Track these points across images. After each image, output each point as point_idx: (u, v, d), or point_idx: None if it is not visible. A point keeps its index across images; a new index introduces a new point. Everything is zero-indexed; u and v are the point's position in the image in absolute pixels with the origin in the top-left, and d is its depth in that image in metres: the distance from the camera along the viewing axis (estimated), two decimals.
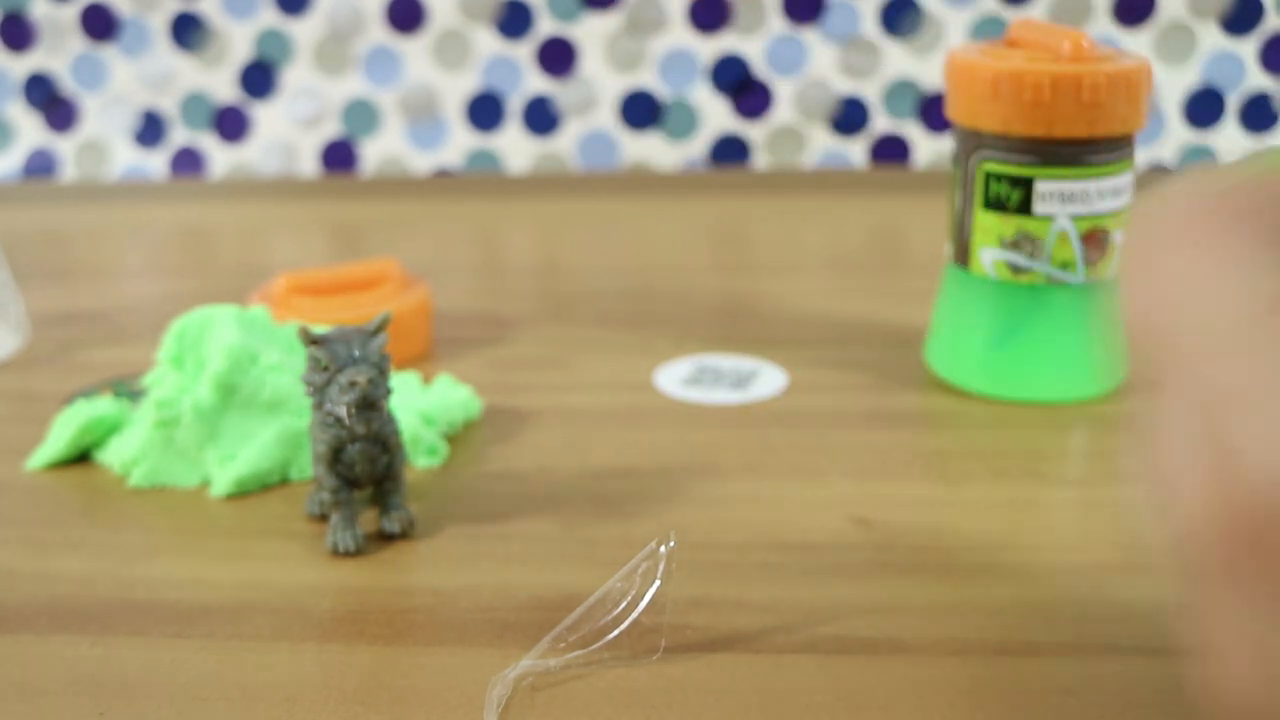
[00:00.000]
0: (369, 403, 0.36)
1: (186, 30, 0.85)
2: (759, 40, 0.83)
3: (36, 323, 0.58)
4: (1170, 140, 0.85)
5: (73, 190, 0.86)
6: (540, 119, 0.85)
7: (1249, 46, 0.83)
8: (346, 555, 0.37)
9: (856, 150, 0.85)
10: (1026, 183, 0.45)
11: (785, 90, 0.84)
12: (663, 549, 0.33)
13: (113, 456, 0.43)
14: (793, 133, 0.85)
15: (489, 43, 0.84)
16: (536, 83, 0.85)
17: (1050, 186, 0.44)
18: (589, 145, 0.86)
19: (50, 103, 0.87)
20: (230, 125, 0.87)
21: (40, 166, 0.88)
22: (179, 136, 0.87)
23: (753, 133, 0.85)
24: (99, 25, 0.85)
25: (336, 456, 0.37)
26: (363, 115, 0.86)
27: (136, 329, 0.57)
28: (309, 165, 0.87)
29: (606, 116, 0.85)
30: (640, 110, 0.85)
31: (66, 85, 0.87)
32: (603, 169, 0.86)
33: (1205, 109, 0.84)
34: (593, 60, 0.84)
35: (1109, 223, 0.45)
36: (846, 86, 0.84)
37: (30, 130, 0.88)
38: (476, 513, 0.40)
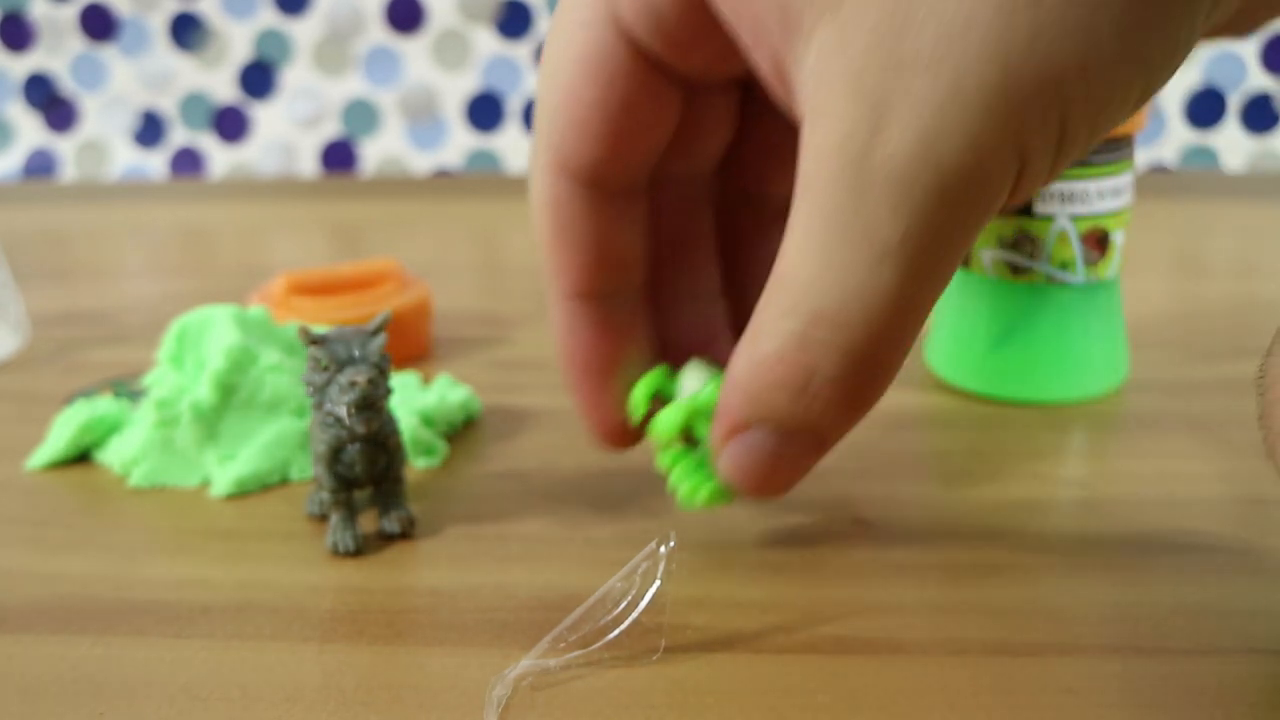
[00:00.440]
0: (369, 403, 0.36)
1: (186, 30, 0.85)
2: None
3: (36, 323, 0.58)
4: (1170, 140, 0.85)
5: (73, 190, 0.86)
6: None
7: (1249, 46, 0.83)
8: (346, 555, 0.37)
9: None
10: None
11: None
12: (663, 549, 0.33)
13: (113, 456, 0.43)
14: None
15: (489, 43, 0.84)
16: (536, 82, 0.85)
17: (1050, 186, 0.44)
18: None
19: (50, 103, 0.87)
20: (230, 125, 0.87)
21: (40, 166, 0.88)
22: (179, 136, 0.87)
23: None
24: (99, 25, 0.85)
25: (336, 456, 0.37)
26: (362, 115, 0.86)
27: (136, 329, 0.57)
28: (309, 165, 0.87)
29: None
30: None
31: (66, 85, 0.87)
32: None
33: (1205, 109, 0.84)
34: None
35: (1109, 223, 0.45)
36: None
37: (30, 130, 0.88)
38: (476, 513, 0.40)
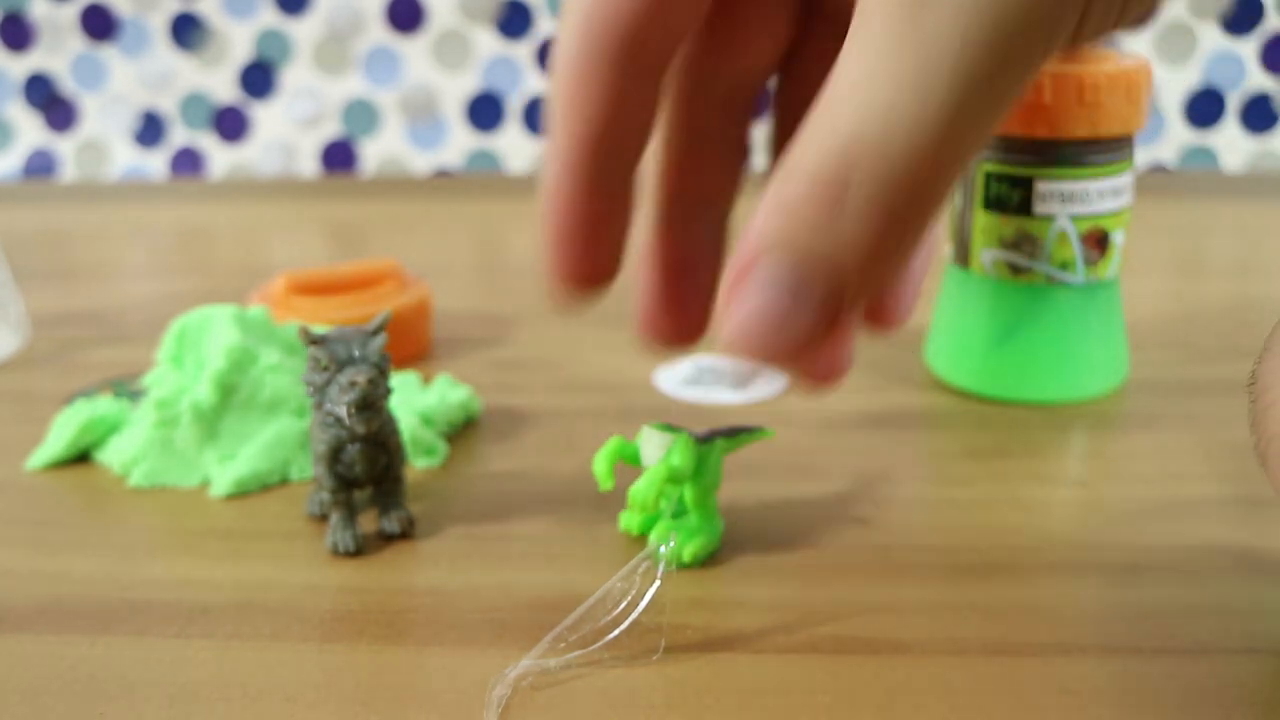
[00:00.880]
0: (369, 403, 0.36)
1: (186, 30, 0.85)
2: None
3: (36, 323, 0.58)
4: (1170, 140, 0.85)
5: (73, 190, 0.86)
6: (540, 119, 0.85)
7: (1249, 47, 0.83)
8: (346, 555, 0.37)
9: None
10: (1026, 183, 0.45)
11: None
12: (663, 549, 0.33)
13: (113, 456, 0.43)
14: None
15: (489, 43, 0.84)
16: (536, 83, 0.85)
17: (1050, 187, 0.44)
18: None
19: (50, 103, 0.87)
20: (230, 125, 0.87)
21: (40, 166, 0.88)
22: (179, 136, 0.87)
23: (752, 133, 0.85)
24: (99, 25, 0.85)
25: (336, 456, 0.37)
26: (363, 115, 0.86)
27: (136, 329, 0.57)
28: (309, 165, 0.87)
29: None
30: None
31: (66, 85, 0.87)
32: None
33: (1205, 109, 0.84)
34: None
35: (1109, 223, 0.45)
36: None
37: (30, 130, 0.88)
38: (476, 513, 0.40)
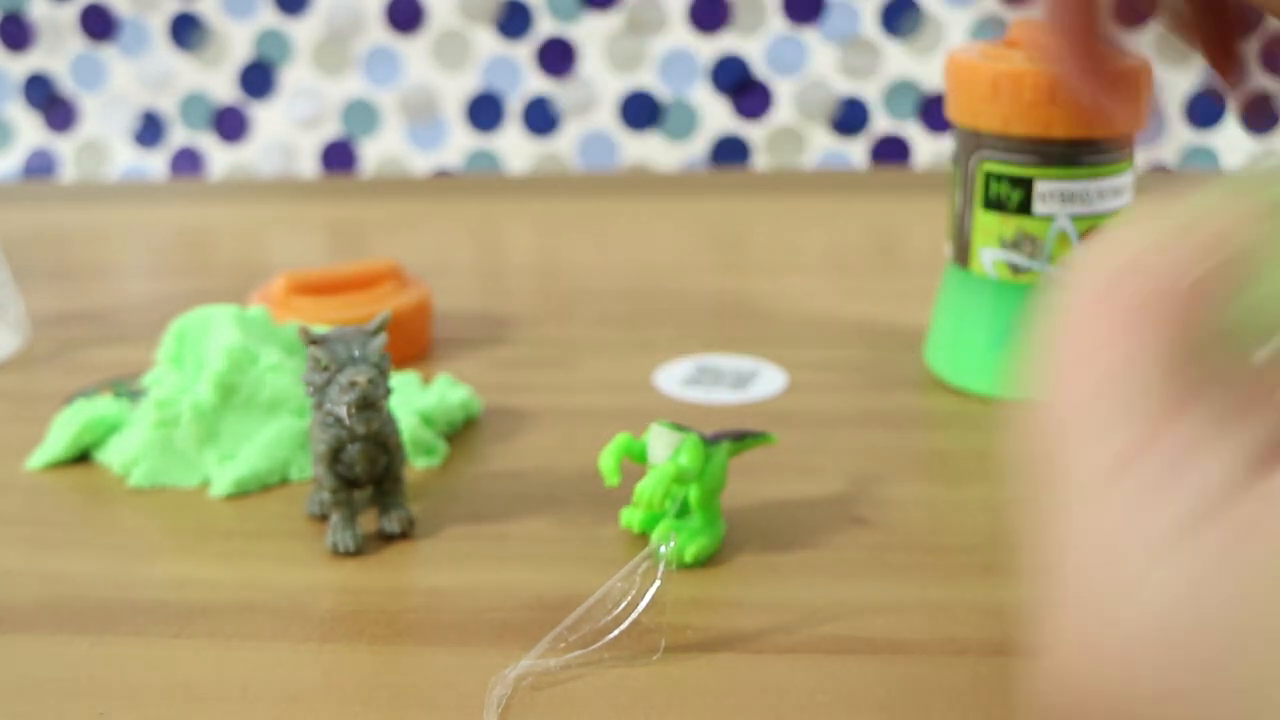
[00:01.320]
0: (369, 403, 0.36)
1: (186, 30, 0.85)
2: (759, 40, 0.83)
3: (36, 323, 0.58)
4: (1170, 140, 0.85)
5: (73, 190, 0.86)
6: (540, 119, 0.85)
7: (1249, 47, 0.83)
8: (346, 555, 0.37)
9: (857, 150, 0.85)
10: (1026, 183, 0.45)
11: (785, 90, 0.84)
12: (663, 549, 0.33)
13: (113, 456, 0.43)
14: (793, 133, 0.85)
15: (489, 43, 0.84)
16: (536, 83, 0.85)
17: (1050, 186, 0.44)
18: (589, 145, 0.86)
19: (50, 103, 0.87)
20: (230, 125, 0.87)
21: (40, 166, 0.88)
22: (178, 136, 0.87)
23: (753, 133, 0.85)
24: (98, 25, 0.85)
25: (336, 456, 0.37)
26: (362, 115, 0.86)
27: (136, 329, 0.57)
28: (309, 165, 0.87)
29: (606, 117, 0.85)
30: (640, 110, 0.85)
31: (66, 85, 0.87)
32: (603, 169, 0.86)
33: (1205, 109, 0.84)
34: (593, 60, 0.84)
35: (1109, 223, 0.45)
36: (846, 87, 0.84)
37: (30, 130, 0.88)
38: (476, 513, 0.40)
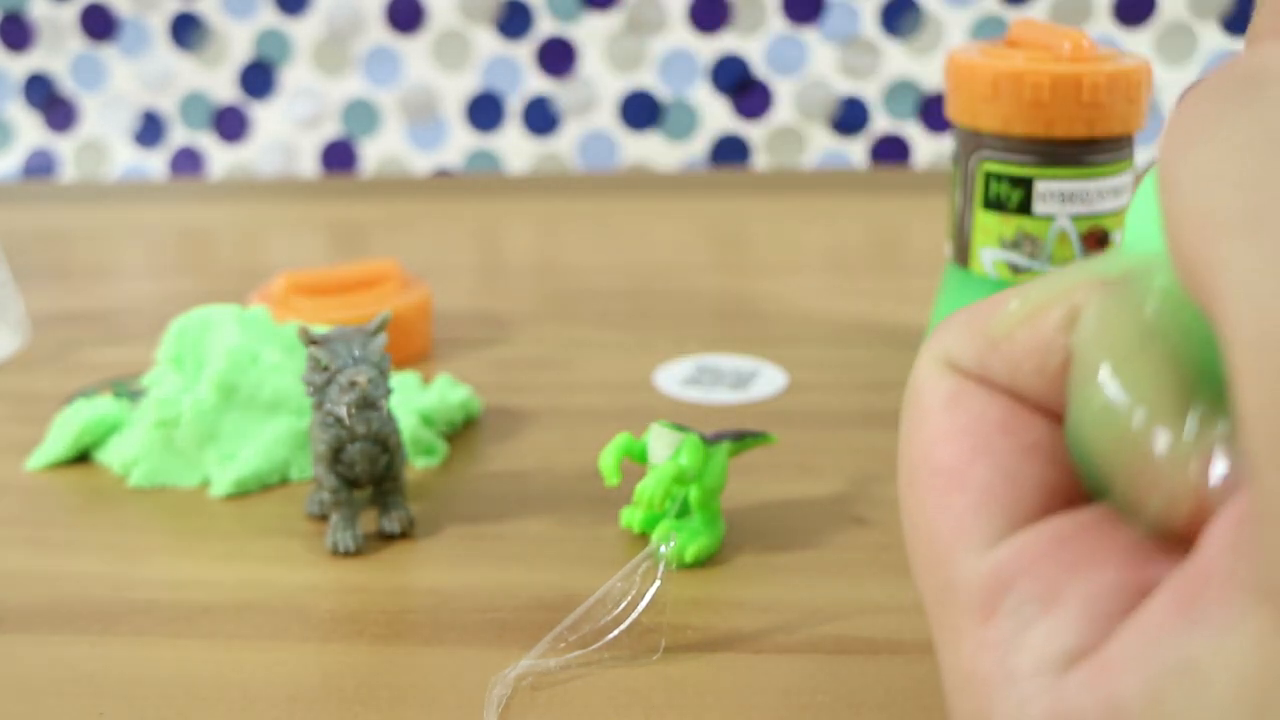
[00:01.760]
0: (369, 403, 0.36)
1: (186, 30, 0.85)
2: (759, 40, 0.83)
3: (36, 323, 0.58)
4: None
5: (73, 190, 0.86)
6: (540, 119, 0.85)
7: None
8: (346, 555, 0.37)
9: (856, 150, 0.85)
10: (1026, 183, 0.45)
11: (785, 90, 0.84)
12: (663, 549, 0.33)
13: (113, 456, 0.43)
14: (793, 133, 0.85)
15: (489, 43, 0.84)
16: (536, 83, 0.85)
17: (1050, 186, 0.44)
18: (589, 145, 0.86)
19: (50, 103, 0.87)
20: (230, 125, 0.87)
21: (40, 166, 0.88)
22: (179, 136, 0.87)
23: (753, 133, 0.85)
24: (99, 25, 0.85)
25: (336, 456, 0.37)
26: (362, 115, 0.86)
27: (136, 329, 0.57)
28: (309, 165, 0.87)
29: (606, 117, 0.85)
30: (640, 110, 0.85)
31: (66, 85, 0.87)
32: (603, 169, 0.86)
33: None
34: (593, 60, 0.84)
35: (1109, 223, 0.45)
36: (846, 86, 0.84)
37: (30, 130, 0.88)
38: (476, 513, 0.40)
